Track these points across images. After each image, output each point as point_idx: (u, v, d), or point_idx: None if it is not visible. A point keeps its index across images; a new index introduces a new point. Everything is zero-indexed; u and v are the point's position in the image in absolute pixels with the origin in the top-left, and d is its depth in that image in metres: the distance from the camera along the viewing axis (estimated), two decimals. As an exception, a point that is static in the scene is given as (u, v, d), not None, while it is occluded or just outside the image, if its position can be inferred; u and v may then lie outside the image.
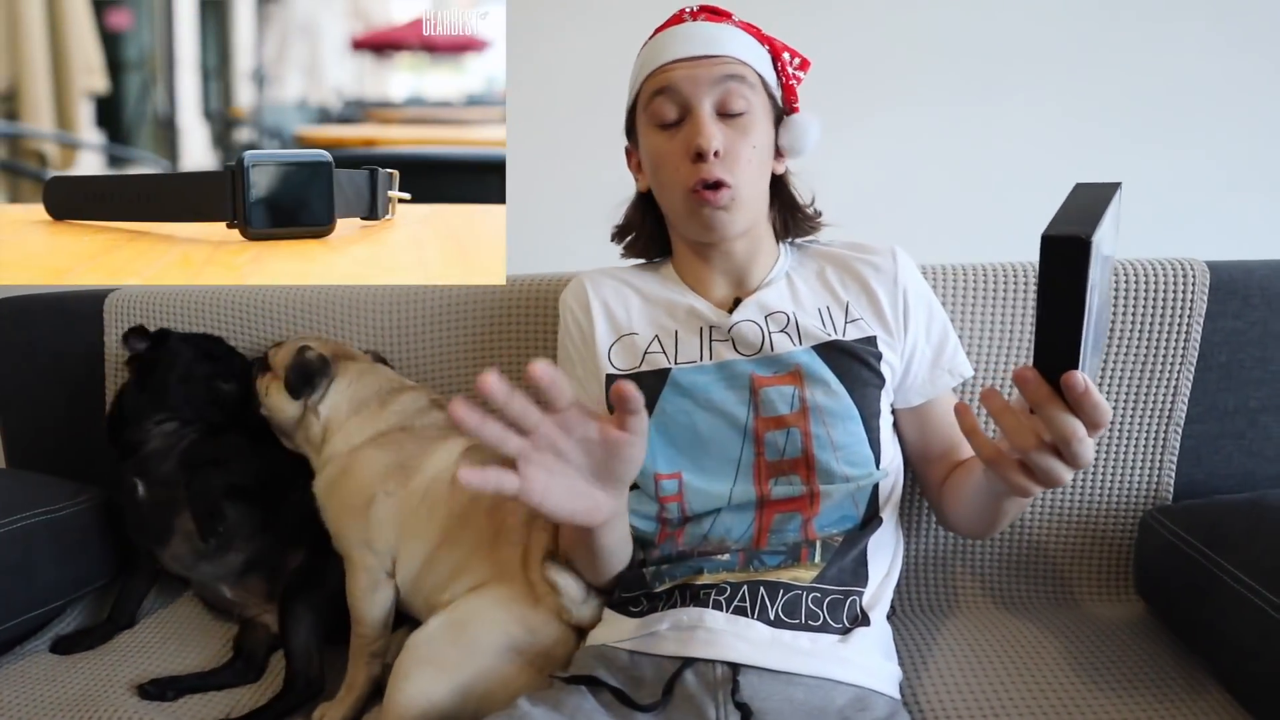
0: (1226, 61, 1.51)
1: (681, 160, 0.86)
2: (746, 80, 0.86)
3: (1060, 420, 0.56)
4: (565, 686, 0.78)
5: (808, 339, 0.88)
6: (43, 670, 1.09)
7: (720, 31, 0.87)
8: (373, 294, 1.30)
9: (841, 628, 0.81)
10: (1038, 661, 0.98)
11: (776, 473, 0.85)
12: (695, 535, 0.87)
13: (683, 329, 0.93)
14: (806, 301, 0.92)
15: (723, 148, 0.84)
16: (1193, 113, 1.53)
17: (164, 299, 1.34)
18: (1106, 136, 1.55)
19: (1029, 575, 1.15)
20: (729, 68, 0.85)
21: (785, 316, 0.90)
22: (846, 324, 0.90)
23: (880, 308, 0.91)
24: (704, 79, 0.85)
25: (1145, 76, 1.52)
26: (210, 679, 1.06)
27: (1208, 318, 1.10)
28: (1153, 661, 0.97)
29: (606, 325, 0.96)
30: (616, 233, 1.03)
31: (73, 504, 1.21)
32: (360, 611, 1.02)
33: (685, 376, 0.89)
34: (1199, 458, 1.12)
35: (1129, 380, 1.11)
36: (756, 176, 0.89)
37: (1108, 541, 1.13)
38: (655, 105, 0.87)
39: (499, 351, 1.25)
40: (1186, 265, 1.10)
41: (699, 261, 0.95)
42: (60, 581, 1.18)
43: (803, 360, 0.87)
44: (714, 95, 0.85)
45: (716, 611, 0.80)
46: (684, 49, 0.86)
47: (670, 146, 0.87)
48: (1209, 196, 1.55)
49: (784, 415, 0.86)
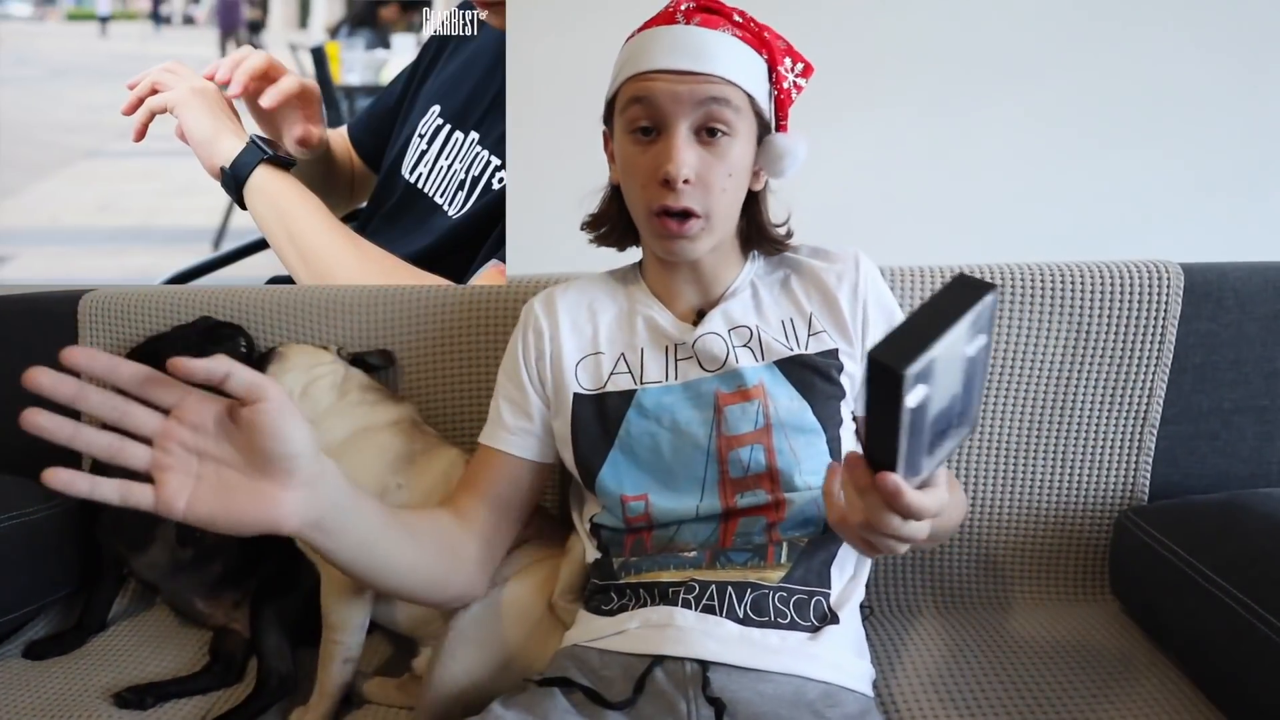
0: (1201, 65, 1.52)
1: (649, 178, 0.82)
2: (731, 103, 0.80)
3: (875, 510, 0.57)
4: (538, 689, 0.78)
5: (770, 354, 0.88)
6: (16, 675, 1.07)
7: (712, 41, 0.81)
8: (353, 295, 1.30)
9: (810, 626, 0.81)
10: (1013, 660, 0.99)
11: (742, 488, 0.85)
12: (662, 539, 0.87)
13: (648, 347, 0.92)
14: (770, 314, 0.91)
15: (695, 174, 0.80)
16: (1166, 116, 1.54)
17: (139, 300, 1.33)
18: (1081, 140, 1.56)
19: (1005, 575, 1.15)
20: (714, 89, 0.79)
21: (749, 331, 0.90)
22: (809, 337, 0.89)
23: (841, 317, 0.90)
24: (685, 98, 0.79)
25: (1119, 80, 1.53)
26: (188, 684, 1.04)
27: (1182, 320, 1.11)
28: (1126, 660, 0.98)
29: (574, 343, 0.95)
30: (589, 222, 0.99)
31: (46, 507, 1.19)
32: (339, 618, 1.00)
33: (650, 398, 0.89)
34: (1174, 459, 1.13)
35: (1104, 382, 1.12)
36: (730, 202, 0.85)
37: (1083, 542, 1.14)
38: (632, 112, 0.82)
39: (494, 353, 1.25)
40: (1161, 268, 1.11)
41: (665, 270, 0.94)
42: (34, 585, 1.17)
43: (765, 377, 0.87)
44: (693, 116, 0.80)
45: (686, 610, 0.80)
46: (669, 59, 0.80)
47: (641, 160, 0.83)
48: (1183, 199, 1.57)
49: (747, 434, 0.85)
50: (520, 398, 0.96)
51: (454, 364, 1.27)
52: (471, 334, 1.25)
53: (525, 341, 0.97)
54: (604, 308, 0.97)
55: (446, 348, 1.27)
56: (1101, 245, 1.44)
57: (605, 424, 0.90)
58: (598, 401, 0.91)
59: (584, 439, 0.91)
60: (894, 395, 0.47)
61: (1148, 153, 1.55)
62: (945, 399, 0.51)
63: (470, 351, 1.26)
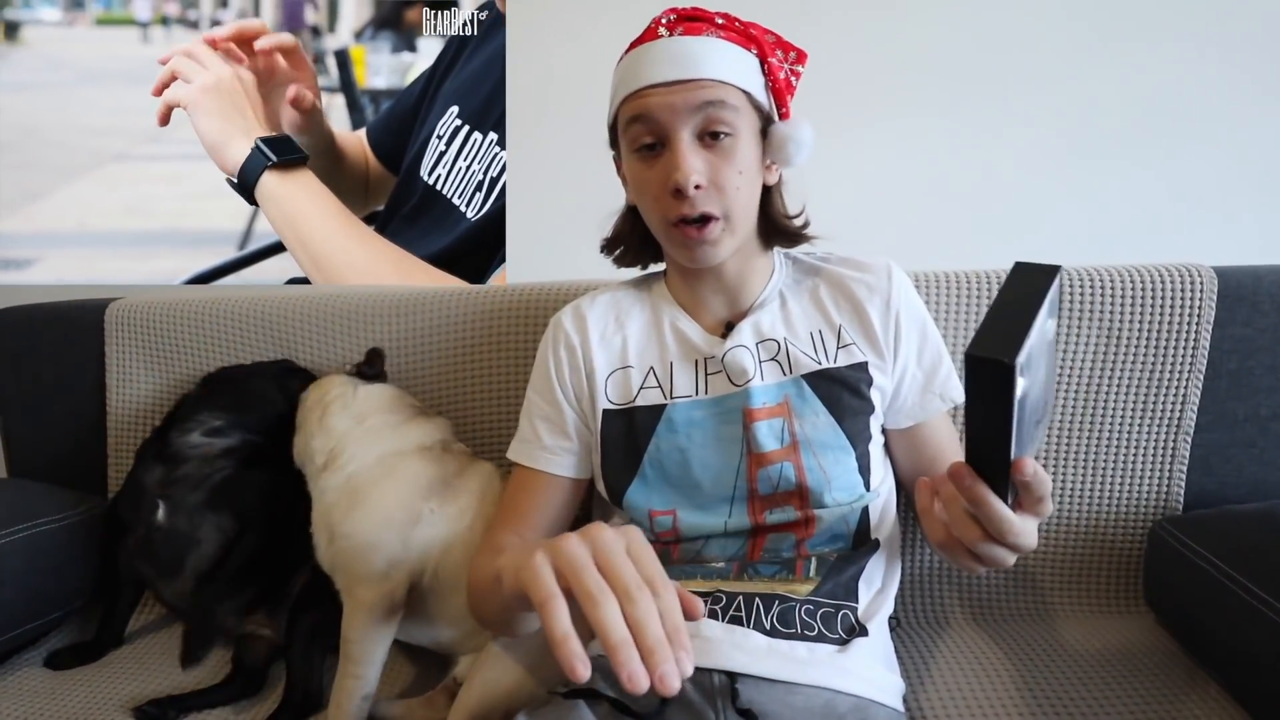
0: (1233, 66, 1.49)
1: (661, 190, 0.82)
2: (728, 104, 0.81)
3: (996, 518, 0.57)
4: (564, 701, 0.78)
5: (798, 368, 0.87)
6: (39, 685, 1.08)
7: (698, 48, 0.81)
8: (376, 299, 1.30)
9: (838, 638, 0.80)
10: (1045, 673, 0.97)
11: (770, 504, 0.84)
12: (689, 552, 0.86)
13: (678, 360, 0.91)
14: (799, 325, 0.90)
15: (706, 179, 0.81)
16: (1198, 118, 1.51)
17: (165, 308, 1.34)
18: (1107, 142, 1.53)
19: (1036, 585, 1.13)
20: (708, 92, 0.80)
21: (776, 344, 0.89)
22: (838, 349, 0.88)
23: (872, 330, 0.89)
24: (681, 106, 0.80)
25: (1152, 82, 1.51)
26: (210, 696, 1.03)
27: (1216, 325, 1.08)
28: (1162, 674, 0.96)
29: (604, 357, 0.94)
30: (606, 245, 0.99)
31: (75, 513, 1.21)
32: (360, 653, 0.96)
33: (680, 413, 0.88)
34: (1209, 467, 1.11)
35: (1136, 389, 1.10)
36: (746, 200, 0.85)
37: (1116, 552, 1.12)
38: (633, 131, 0.83)
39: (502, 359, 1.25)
40: (1194, 272, 1.09)
41: (691, 282, 0.93)
42: (61, 591, 1.18)
43: (791, 392, 0.86)
44: (693, 122, 0.80)
45: (713, 621, 0.79)
46: (658, 72, 0.81)
47: (650, 175, 0.83)
48: (1215, 202, 1.54)
49: (775, 451, 0.84)
50: (556, 415, 0.95)
51: (476, 365, 1.26)
52: (492, 335, 1.25)
53: (557, 358, 0.96)
54: (631, 319, 0.96)
55: (466, 348, 1.27)
56: (1133, 249, 1.42)
57: (634, 440, 0.89)
58: (626, 417, 0.90)
59: (612, 455, 0.90)
60: (1004, 389, 0.46)
61: (1177, 155, 1.53)
62: (1039, 386, 0.50)
63: (492, 352, 1.25)
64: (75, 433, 1.38)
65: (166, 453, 1.15)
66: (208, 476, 1.13)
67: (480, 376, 1.26)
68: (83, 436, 1.37)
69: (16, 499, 1.20)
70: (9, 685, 1.07)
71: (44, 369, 1.38)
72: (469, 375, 1.26)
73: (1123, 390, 1.10)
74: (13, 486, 1.30)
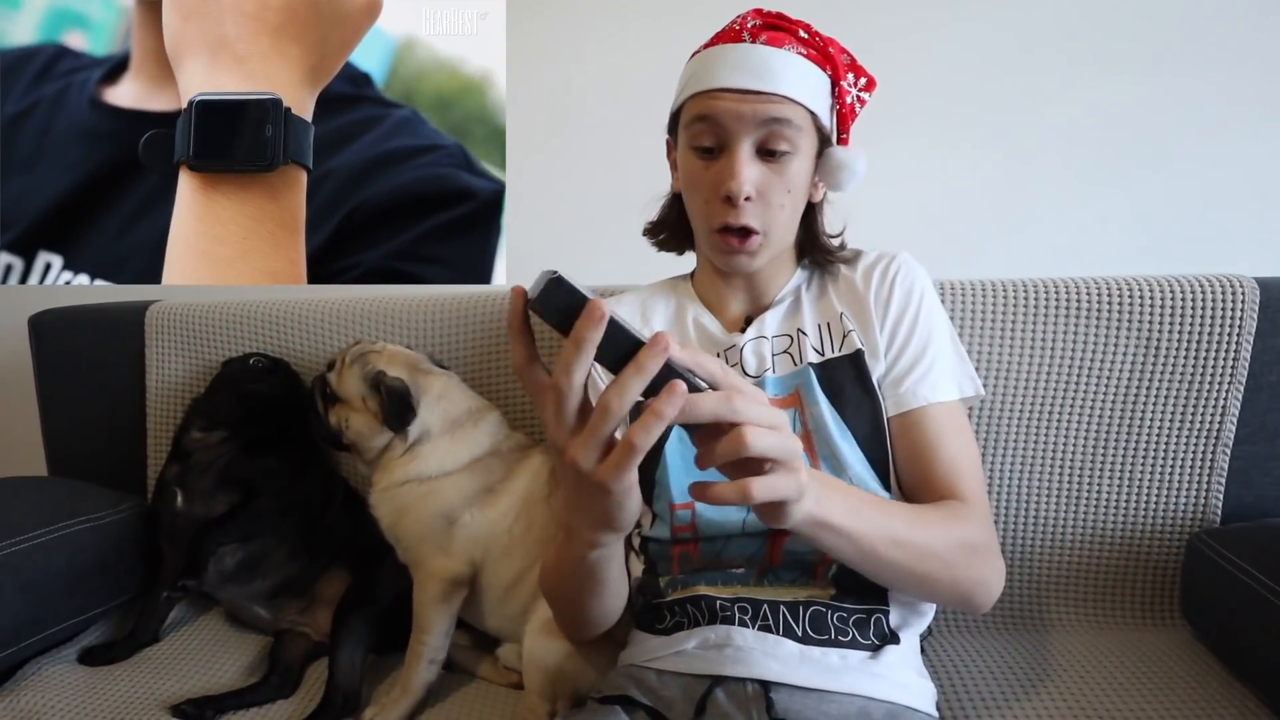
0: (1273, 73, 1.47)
1: (712, 194, 0.83)
2: (793, 123, 0.81)
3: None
4: (599, 707, 0.78)
5: (805, 358, 0.87)
6: (75, 680, 1.09)
7: (776, 61, 0.81)
8: (413, 298, 1.32)
9: (870, 645, 0.80)
10: (1079, 685, 0.96)
11: None
12: (709, 553, 0.86)
13: None
14: (809, 319, 0.90)
15: (756, 191, 0.81)
16: (1237, 127, 1.49)
17: (205, 310, 1.37)
18: (1141, 149, 1.51)
19: (1071, 597, 1.12)
20: (777, 108, 0.80)
21: (789, 338, 0.90)
22: (843, 338, 0.88)
23: (868, 318, 0.88)
24: (748, 117, 0.80)
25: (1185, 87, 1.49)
26: (247, 696, 1.04)
27: (1258, 336, 1.07)
28: (1199, 688, 0.94)
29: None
30: (650, 229, 1.00)
31: (115, 512, 1.23)
32: (427, 620, 1.04)
33: None
34: (1248, 479, 1.10)
35: (1175, 399, 1.09)
36: (789, 218, 0.86)
37: (1153, 564, 1.11)
38: (694, 129, 0.83)
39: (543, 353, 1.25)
40: (1235, 282, 1.08)
41: (718, 279, 0.94)
42: (102, 588, 1.20)
43: (801, 382, 0.86)
44: (756, 135, 0.81)
45: (744, 629, 0.79)
46: (733, 78, 0.80)
47: (704, 176, 0.84)
48: (1257, 213, 1.51)
49: None
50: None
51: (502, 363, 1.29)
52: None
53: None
54: (656, 314, 0.98)
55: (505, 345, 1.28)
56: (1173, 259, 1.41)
57: None
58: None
59: None
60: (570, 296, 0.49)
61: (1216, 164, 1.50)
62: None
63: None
64: (115, 433, 1.40)
65: (179, 451, 1.23)
66: (212, 462, 1.19)
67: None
68: (122, 436, 1.39)
69: (57, 497, 1.22)
70: (46, 680, 1.08)
71: (85, 370, 1.41)
72: (508, 371, 1.28)
73: (1161, 401, 1.09)
74: (53, 485, 1.33)
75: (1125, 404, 1.10)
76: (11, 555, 1.06)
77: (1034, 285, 1.12)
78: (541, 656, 0.96)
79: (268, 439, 1.22)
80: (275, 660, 1.11)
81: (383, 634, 1.09)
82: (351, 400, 1.12)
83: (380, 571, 1.13)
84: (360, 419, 1.11)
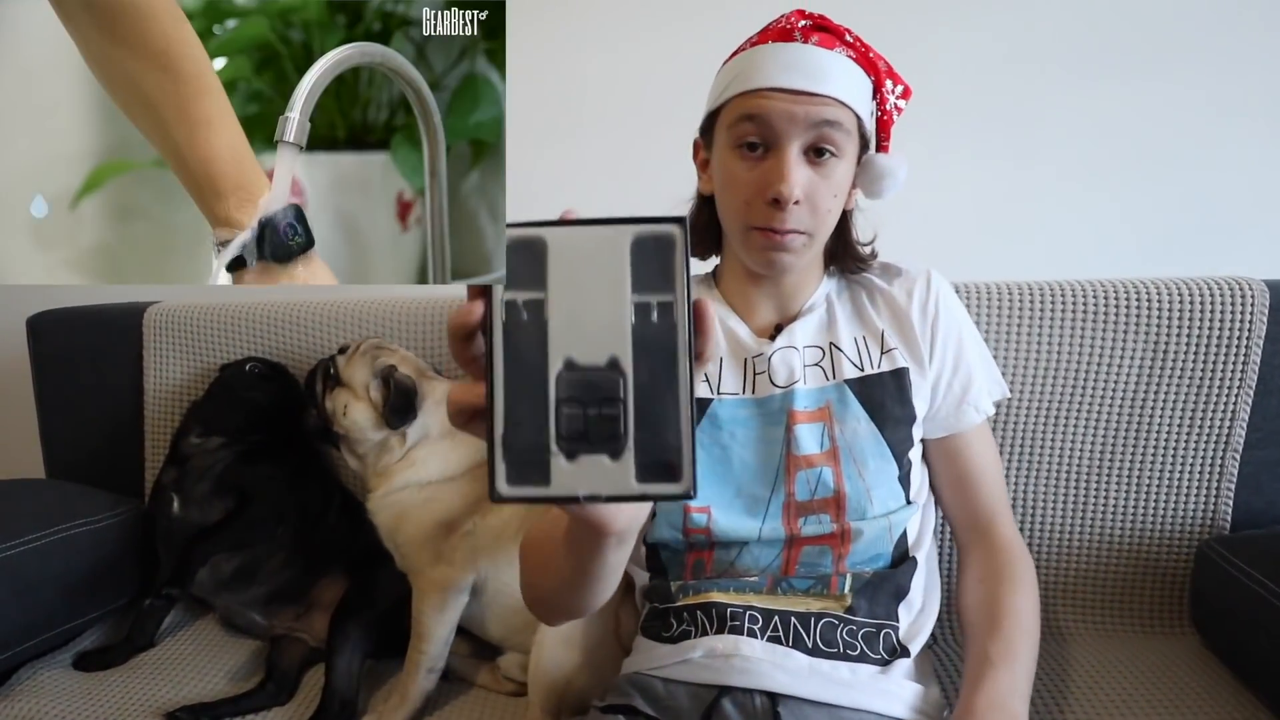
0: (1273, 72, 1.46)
1: (756, 196, 0.80)
2: (842, 125, 0.79)
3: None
4: (604, 716, 0.77)
5: (841, 374, 0.86)
6: (70, 685, 1.08)
7: (829, 62, 0.79)
8: (414, 299, 1.31)
9: (880, 659, 0.79)
10: (1088, 693, 0.95)
11: (806, 512, 0.83)
12: (723, 561, 0.85)
13: (727, 357, 0.90)
14: (843, 332, 0.89)
15: (804, 194, 0.79)
16: (1248, 127, 1.48)
17: (203, 312, 1.36)
18: (1145, 155, 1.50)
19: (1079, 605, 1.11)
20: (829, 110, 0.78)
21: (821, 350, 0.88)
22: (881, 355, 0.87)
23: (912, 335, 0.88)
24: (800, 119, 0.78)
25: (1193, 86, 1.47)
26: (242, 703, 1.04)
27: (1268, 339, 1.06)
28: (1208, 696, 0.94)
29: None
30: None
31: (112, 515, 1.22)
32: (427, 629, 1.03)
33: (726, 410, 0.87)
34: (1258, 485, 1.09)
35: (1183, 404, 1.08)
36: (832, 222, 0.84)
37: (1161, 571, 1.10)
38: (741, 128, 0.80)
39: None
40: (1244, 285, 1.07)
41: (747, 283, 0.92)
42: (98, 593, 1.19)
43: (834, 396, 0.85)
44: (806, 137, 0.79)
45: (752, 639, 0.78)
46: (786, 78, 0.78)
47: (748, 177, 0.81)
48: (1262, 216, 1.50)
49: (814, 454, 0.83)
50: None
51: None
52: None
53: None
54: None
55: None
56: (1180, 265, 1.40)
57: None
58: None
59: None
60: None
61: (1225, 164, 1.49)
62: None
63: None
64: (112, 434, 1.39)
65: (176, 455, 1.22)
66: (209, 468, 1.18)
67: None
68: (120, 439, 1.38)
69: (54, 500, 1.21)
70: (41, 685, 1.07)
71: (82, 371, 1.40)
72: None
73: (1169, 405, 1.08)
74: (51, 487, 1.32)
75: (1133, 408, 1.09)
76: (7, 558, 1.06)
77: (1040, 288, 1.11)
78: (550, 670, 0.95)
79: (265, 445, 1.22)
80: (272, 666, 1.10)
81: (380, 639, 1.08)
82: (354, 387, 1.11)
83: (378, 576, 1.12)
84: (358, 408, 1.10)
